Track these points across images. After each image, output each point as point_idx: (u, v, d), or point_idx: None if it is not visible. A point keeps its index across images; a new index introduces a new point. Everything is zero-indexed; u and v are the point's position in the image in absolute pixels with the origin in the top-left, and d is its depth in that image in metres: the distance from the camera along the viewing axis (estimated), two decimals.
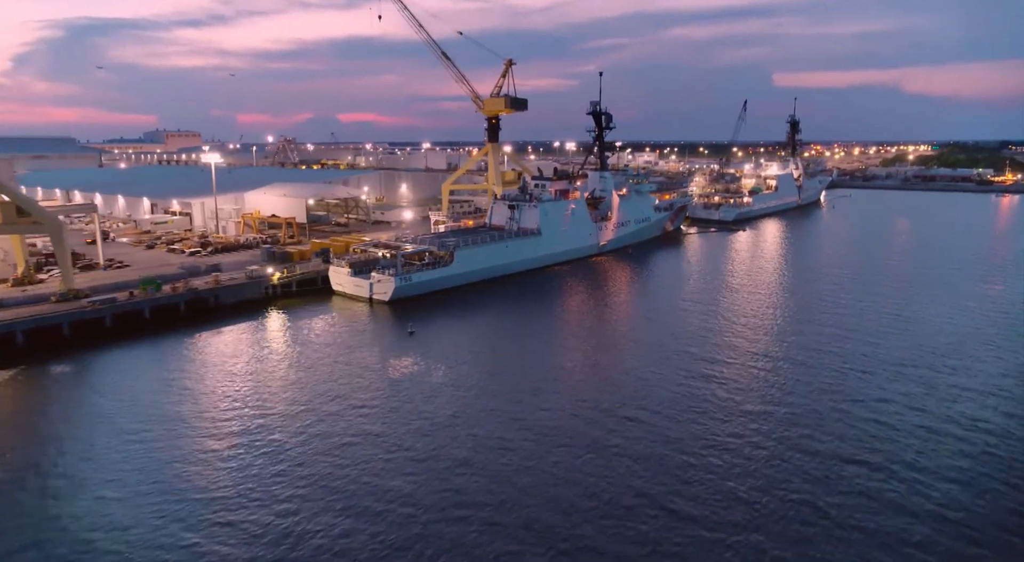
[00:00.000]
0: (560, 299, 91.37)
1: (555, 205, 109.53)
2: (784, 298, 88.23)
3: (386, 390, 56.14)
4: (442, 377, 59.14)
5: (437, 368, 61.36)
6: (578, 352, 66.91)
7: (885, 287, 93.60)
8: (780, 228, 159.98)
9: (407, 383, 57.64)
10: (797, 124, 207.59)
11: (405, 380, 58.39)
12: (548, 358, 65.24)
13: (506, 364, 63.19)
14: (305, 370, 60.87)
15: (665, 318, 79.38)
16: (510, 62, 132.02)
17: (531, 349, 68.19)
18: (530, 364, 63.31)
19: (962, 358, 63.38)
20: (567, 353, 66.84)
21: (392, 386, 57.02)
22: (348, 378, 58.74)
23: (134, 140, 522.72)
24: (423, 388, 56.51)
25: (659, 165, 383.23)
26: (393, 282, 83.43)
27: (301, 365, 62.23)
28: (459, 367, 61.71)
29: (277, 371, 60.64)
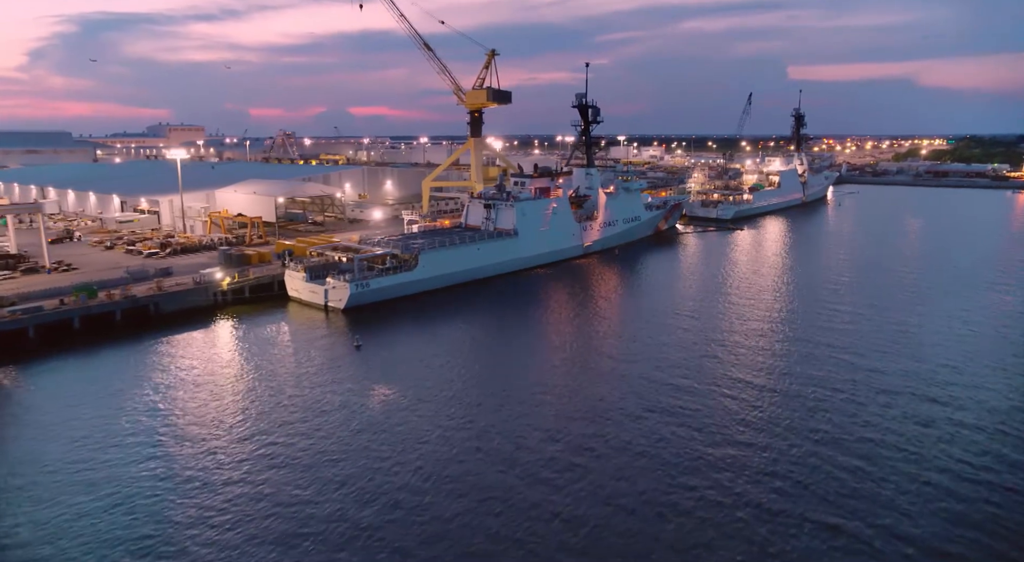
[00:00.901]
0: (534, 307, 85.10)
1: (534, 204, 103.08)
2: (775, 308, 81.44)
3: (308, 416, 50.15)
4: (380, 401, 53.09)
5: (377, 390, 55.34)
6: (544, 372, 60.63)
7: (887, 296, 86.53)
8: (781, 227, 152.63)
9: (336, 410, 51.62)
10: (802, 117, 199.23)
11: (333, 407, 52.35)
12: (509, 378, 58.95)
13: (459, 385, 56.99)
14: (222, 394, 55.00)
15: (645, 330, 72.87)
16: (493, 53, 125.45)
17: (493, 365, 61.95)
18: (488, 384, 57.07)
19: (965, 386, 56.48)
20: (531, 373, 60.52)
21: (318, 412, 51.02)
22: (267, 401, 52.83)
23: (137, 134, 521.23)
24: (354, 414, 50.50)
25: (664, 160, 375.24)
26: (348, 289, 77.48)
27: (220, 387, 56.35)
28: (403, 389, 55.59)
29: (194, 394, 54.78)
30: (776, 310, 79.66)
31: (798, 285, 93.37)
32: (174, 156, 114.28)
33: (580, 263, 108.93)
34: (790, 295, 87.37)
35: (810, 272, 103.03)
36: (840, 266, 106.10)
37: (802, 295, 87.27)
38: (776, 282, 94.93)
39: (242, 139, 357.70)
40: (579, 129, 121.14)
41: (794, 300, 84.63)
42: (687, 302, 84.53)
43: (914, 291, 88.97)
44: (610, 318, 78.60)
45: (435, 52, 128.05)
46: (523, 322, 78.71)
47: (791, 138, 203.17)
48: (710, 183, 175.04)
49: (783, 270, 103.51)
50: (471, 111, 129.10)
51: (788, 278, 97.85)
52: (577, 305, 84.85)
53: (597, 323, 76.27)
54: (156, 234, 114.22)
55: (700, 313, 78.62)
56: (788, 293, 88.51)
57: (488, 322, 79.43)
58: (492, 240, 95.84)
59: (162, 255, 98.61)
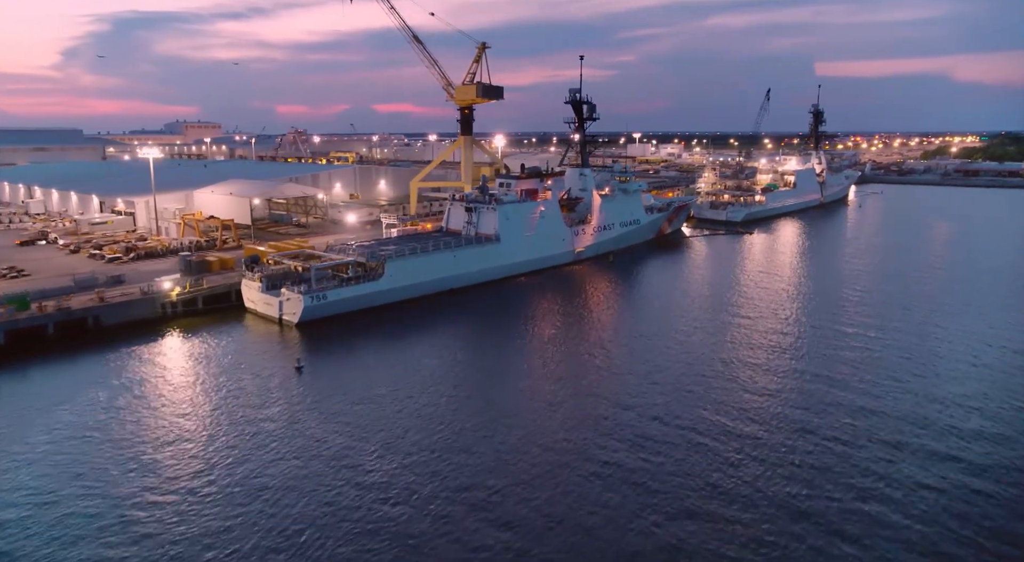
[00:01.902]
0: (510, 321, 78.12)
1: (518, 207, 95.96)
2: (778, 328, 73.53)
3: (224, 456, 43.88)
4: (300, 447, 46.56)
5: (305, 425, 48.89)
6: (513, 408, 53.55)
7: (904, 313, 77.99)
8: (795, 231, 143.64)
9: (258, 449, 45.28)
10: (821, 114, 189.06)
11: (256, 446, 46.01)
12: (467, 415, 52.13)
13: (406, 424, 50.22)
14: (127, 424, 48.95)
15: (632, 352, 65.61)
16: (483, 46, 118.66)
17: (449, 398, 55.02)
18: (437, 424, 50.33)
19: (983, 434, 48.61)
20: (497, 407, 53.48)
21: (211, 457, 44.69)
22: (167, 436, 46.65)
23: (155, 132, 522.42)
24: (276, 454, 44.14)
25: (682, 157, 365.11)
26: (301, 301, 71.22)
27: (137, 415, 50.33)
28: (336, 427, 49.01)
29: (106, 422, 48.82)
30: (778, 331, 71.79)
31: (807, 299, 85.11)
32: (146, 155, 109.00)
33: (570, 271, 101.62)
34: (797, 312, 79.31)
35: (822, 284, 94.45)
36: (856, 277, 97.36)
37: (810, 311, 79.17)
38: (782, 296, 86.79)
39: (249, 136, 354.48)
40: (573, 126, 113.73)
41: (800, 318, 76.60)
42: (682, 318, 76.98)
43: (937, 307, 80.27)
44: (594, 336, 71.30)
45: (425, 46, 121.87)
46: (496, 339, 71.88)
47: (809, 135, 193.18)
48: (721, 183, 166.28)
49: (791, 282, 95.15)
50: (461, 108, 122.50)
51: (796, 291, 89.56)
52: (558, 321, 77.71)
53: (579, 342, 69.06)
54: (129, 237, 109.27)
55: (694, 331, 71.06)
56: (795, 309, 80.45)
57: (456, 341, 72.65)
58: (470, 246, 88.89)
59: (125, 260, 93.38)
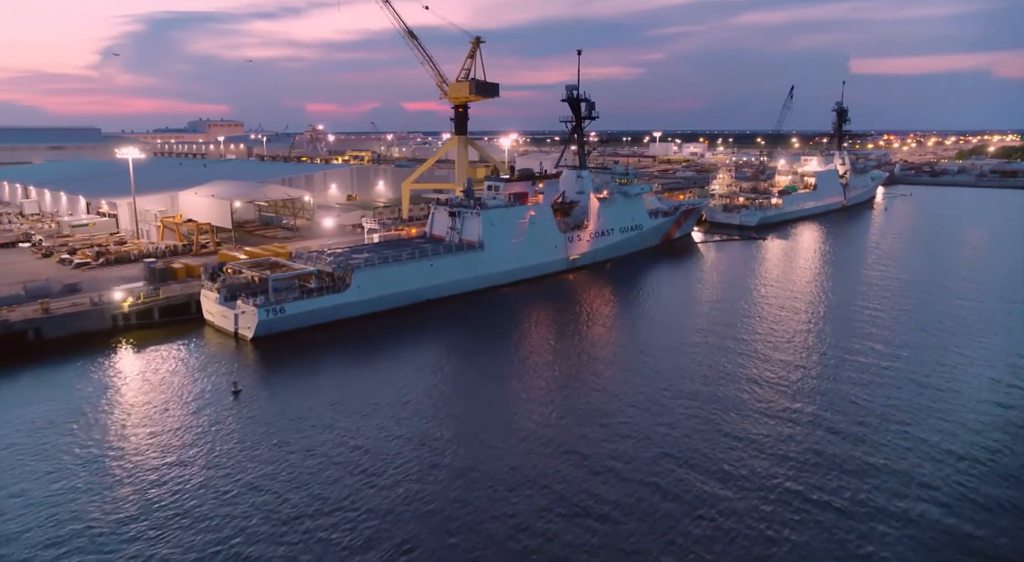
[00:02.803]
0: (490, 336, 72.14)
1: (505, 212, 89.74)
2: (785, 349, 66.48)
3: (103, 506, 38.62)
4: (212, 497, 41.18)
5: (224, 468, 43.46)
6: (483, 447, 47.73)
7: (923, 334, 70.20)
8: (813, 237, 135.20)
9: (144, 506, 39.96)
10: (845, 112, 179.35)
11: (156, 497, 40.70)
12: (431, 451, 46.34)
13: (354, 462, 44.66)
14: (40, 455, 44.00)
15: (620, 369, 59.22)
16: (478, 41, 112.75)
17: (415, 424, 49.25)
18: (394, 463, 44.58)
19: (1000, 503, 41.46)
20: (463, 444, 47.69)
21: (109, 503, 39.43)
22: (72, 470, 41.53)
23: (179, 130, 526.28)
24: (183, 504, 38.78)
25: (704, 157, 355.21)
26: (256, 315, 66.00)
27: (43, 446, 45.40)
28: (264, 470, 43.61)
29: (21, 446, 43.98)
30: (785, 352, 64.70)
31: (817, 317, 77.46)
32: (125, 155, 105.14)
33: (562, 280, 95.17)
34: (805, 332, 71.95)
35: (836, 298, 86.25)
36: (874, 290, 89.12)
37: (820, 332, 71.76)
38: (790, 313, 79.31)
39: (266, 134, 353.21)
40: (570, 125, 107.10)
41: (809, 339, 69.35)
42: (675, 335, 70.29)
43: (964, 326, 72.30)
44: (581, 356, 64.92)
45: (420, 41, 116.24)
46: (468, 358, 65.89)
47: (832, 134, 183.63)
48: (736, 185, 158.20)
49: (802, 295, 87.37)
50: (455, 106, 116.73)
51: (806, 306, 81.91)
52: (542, 337, 71.51)
53: (564, 361, 62.75)
54: (109, 240, 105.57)
55: (688, 351, 64.37)
56: (803, 329, 73.06)
57: (425, 360, 66.45)
58: (449, 254, 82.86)
59: (94, 265, 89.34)
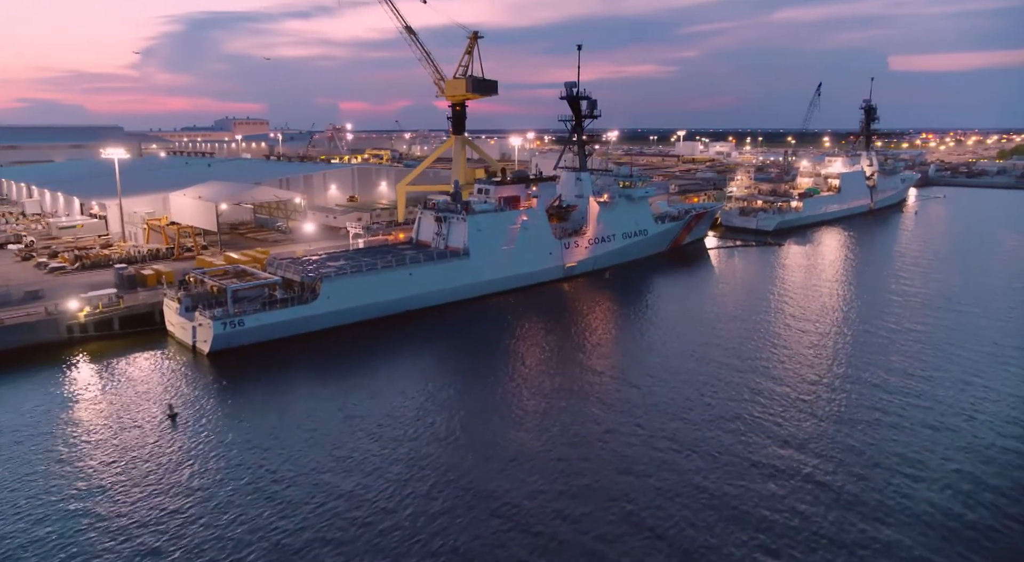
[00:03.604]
0: (469, 351, 67.16)
1: (493, 218, 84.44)
2: (794, 374, 60.39)
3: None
4: (130, 538, 36.81)
5: (144, 505, 39.10)
6: (451, 480, 42.85)
7: (951, 365, 63.55)
8: (834, 243, 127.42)
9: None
10: (873, 110, 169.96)
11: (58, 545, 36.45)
12: (396, 490, 41.58)
13: (299, 503, 40.12)
14: None
15: (604, 395, 53.78)
16: (475, 36, 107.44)
17: (374, 458, 44.58)
18: (347, 510, 39.90)
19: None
20: (432, 478, 42.90)
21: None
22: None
23: (205, 128, 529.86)
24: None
25: (731, 156, 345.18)
26: (212, 328, 61.80)
27: None
28: (182, 505, 39.18)
29: None
30: (787, 383, 58.64)
31: (830, 336, 70.94)
32: (110, 155, 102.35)
33: (555, 289, 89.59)
34: (814, 354, 65.65)
35: (853, 314, 79.12)
36: (898, 306, 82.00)
37: (831, 355, 65.40)
38: (802, 331, 72.87)
39: (287, 132, 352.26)
40: (570, 125, 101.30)
41: (817, 366, 63.11)
42: (674, 353, 64.50)
43: (993, 353, 65.26)
44: (565, 377, 59.57)
45: (418, 37, 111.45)
46: (443, 377, 60.83)
47: (859, 134, 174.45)
48: (755, 186, 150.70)
49: (816, 310, 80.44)
50: (452, 104, 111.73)
51: (820, 323, 75.23)
52: (526, 352, 66.22)
53: (549, 382, 57.50)
54: (95, 242, 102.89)
55: (684, 377, 58.60)
56: (813, 350, 66.75)
57: (398, 378, 61.44)
58: (431, 263, 77.81)
59: (69, 270, 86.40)
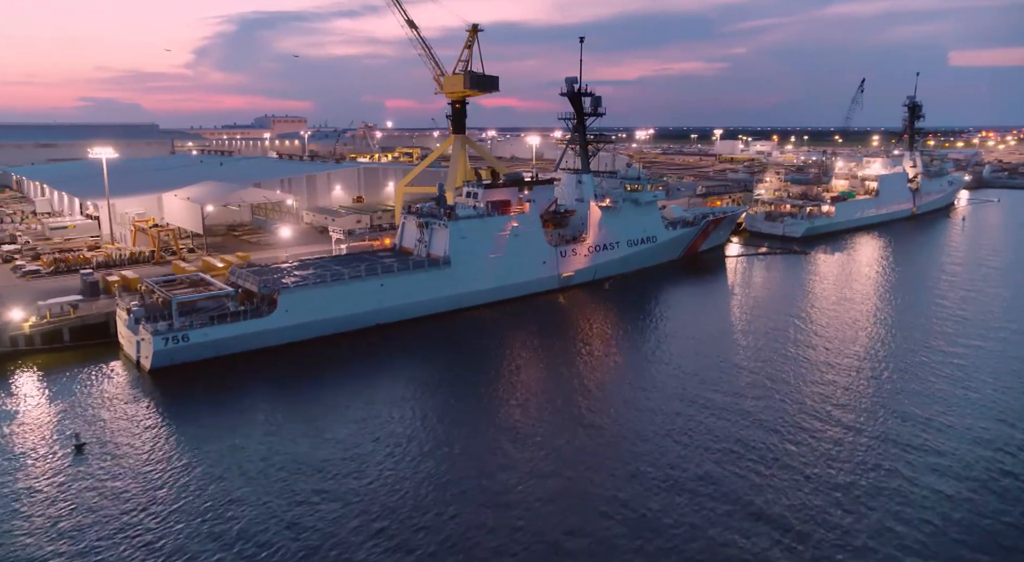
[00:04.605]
0: (439, 372, 61.30)
1: (479, 224, 78.18)
2: (807, 417, 52.96)
3: None
4: None
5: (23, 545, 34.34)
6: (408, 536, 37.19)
7: (989, 407, 55.18)
8: (869, 251, 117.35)
9: None
10: (918, 108, 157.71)
11: None
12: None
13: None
14: None
15: (593, 418, 47.36)
16: (475, 29, 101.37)
17: (312, 504, 39.19)
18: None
19: None
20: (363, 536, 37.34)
21: None
22: None
23: (245, 126, 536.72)
24: None
25: (772, 156, 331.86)
26: (152, 343, 57.21)
27: None
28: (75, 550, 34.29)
29: None
30: (808, 421, 51.23)
31: (853, 366, 63.08)
32: (98, 155, 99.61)
33: (549, 300, 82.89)
34: (831, 391, 57.97)
35: (882, 339, 70.94)
36: (937, 329, 73.32)
37: (857, 392, 57.61)
38: (817, 361, 65.08)
39: (319, 131, 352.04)
40: (572, 123, 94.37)
41: (835, 404, 55.42)
42: (668, 375, 57.55)
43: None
44: (549, 396, 53.27)
45: (419, 30, 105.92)
46: (410, 402, 55.05)
47: (903, 133, 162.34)
48: (785, 188, 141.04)
49: (839, 332, 72.15)
50: (452, 102, 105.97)
51: (843, 349, 67.27)
52: (502, 373, 60.03)
53: (532, 403, 51.32)
54: (86, 244, 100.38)
55: (677, 407, 51.69)
56: (831, 385, 59.05)
57: (355, 403, 56.13)
58: (406, 272, 72.00)
59: (44, 274, 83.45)
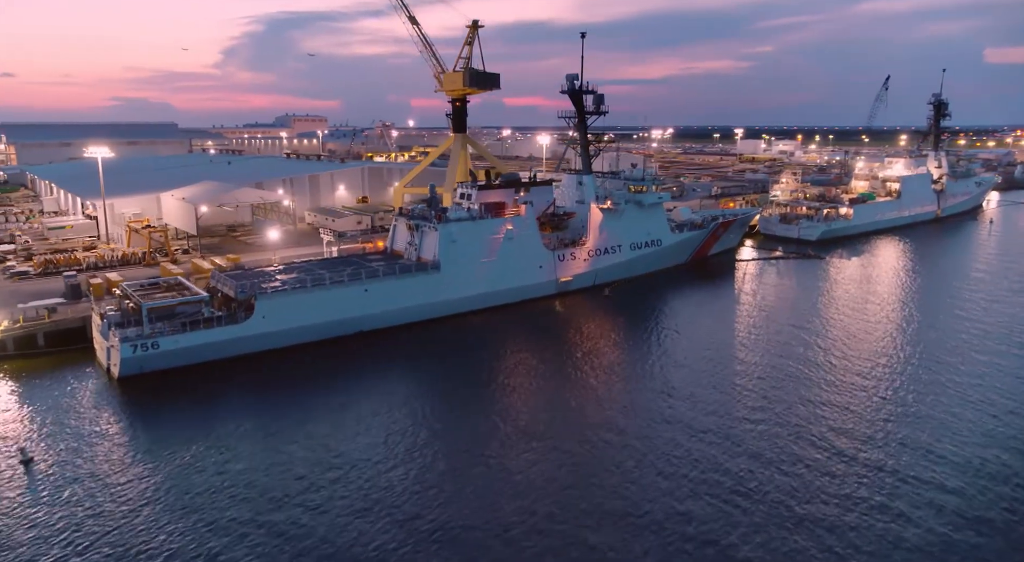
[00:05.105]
0: (418, 383, 58.46)
1: (471, 226, 75.14)
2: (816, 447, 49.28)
3: None
4: None
5: None
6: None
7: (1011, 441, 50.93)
8: (888, 256, 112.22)
9: None
10: (944, 106, 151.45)
11: None
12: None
13: None
14: None
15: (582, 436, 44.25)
16: (475, 25, 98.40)
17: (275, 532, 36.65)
18: None
19: None
20: None
21: None
22: None
23: (267, 125, 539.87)
24: None
25: (795, 155, 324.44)
26: (119, 350, 55.09)
27: None
28: None
29: None
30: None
31: (865, 387, 59.15)
32: (93, 154, 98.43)
33: (544, 307, 79.54)
34: (840, 417, 54.11)
35: (902, 354, 67.00)
36: (959, 340, 69.00)
37: (863, 417, 53.72)
38: (827, 382, 61.16)
39: (336, 130, 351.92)
40: (572, 122, 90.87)
41: (843, 431, 51.59)
42: (661, 395, 54.14)
43: None
44: (537, 412, 50.24)
45: (420, 27, 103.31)
46: (380, 420, 52.23)
47: (927, 132, 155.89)
48: (802, 190, 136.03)
49: (850, 343, 68.26)
50: (452, 100, 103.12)
51: (852, 368, 63.32)
52: (489, 384, 57.04)
53: (520, 420, 48.32)
54: (82, 244, 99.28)
55: (655, 423, 48.30)
56: (842, 410, 55.19)
57: (332, 420, 53.55)
58: (392, 277, 69.13)
59: (32, 275, 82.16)
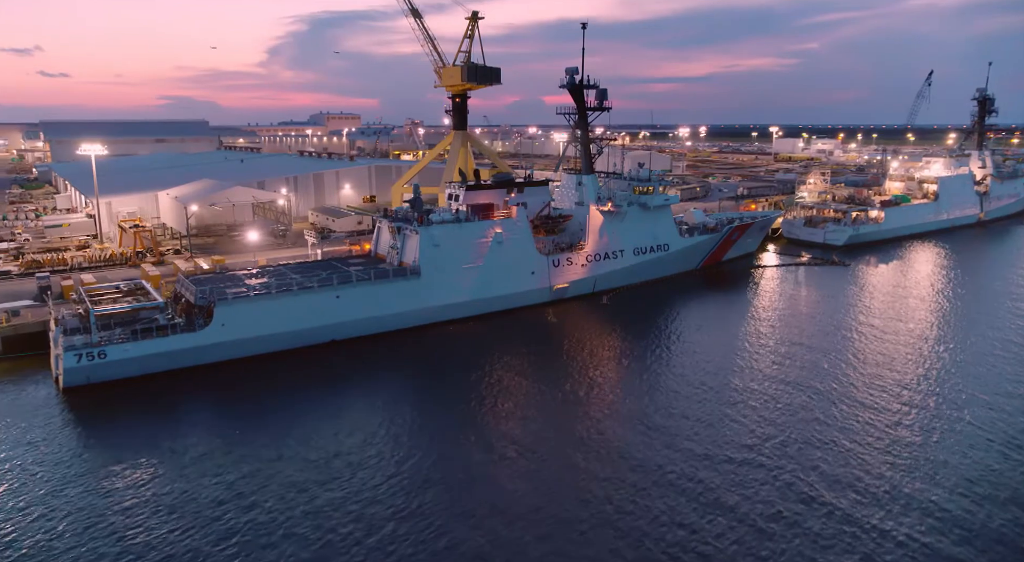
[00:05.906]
0: (384, 399, 54.34)
1: (454, 230, 70.53)
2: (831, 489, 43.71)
3: None
4: None
5: None
6: None
7: None
8: (922, 263, 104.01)
9: None
10: (990, 102, 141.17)
11: None
12: None
13: None
14: None
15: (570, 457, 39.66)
16: (475, 16, 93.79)
17: None
18: None
19: None
20: None
21: None
22: None
23: (301, 123, 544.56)
24: None
25: (835, 154, 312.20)
26: (63, 359, 52.10)
27: None
28: None
29: None
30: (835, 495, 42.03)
31: (891, 421, 53.01)
32: (87, 151, 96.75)
33: (535, 315, 74.51)
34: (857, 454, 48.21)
35: (934, 379, 60.55)
36: (1002, 361, 62.15)
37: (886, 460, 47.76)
38: (844, 414, 55.11)
39: (367, 129, 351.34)
40: (573, 119, 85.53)
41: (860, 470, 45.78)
42: (655, 420, 49.00)
43: None
44: (520, 434, 45.69)
45: (423, 20, 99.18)
46: (338, 442, 48.17)
47: (971, 130, 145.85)
48: (831, 191, 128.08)
49: (875, 365, 61.99)
50: (452, 95, 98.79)
51: (877, 396, 57.13)
52: (466, 408, 52.59)
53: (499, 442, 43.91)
54: (78, 243, 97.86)
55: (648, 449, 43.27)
56: (861, 446, 49.28)
57: (287, 433, 49.80)
58: (365, 283, 64.90)
59: (15, 275, 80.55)
